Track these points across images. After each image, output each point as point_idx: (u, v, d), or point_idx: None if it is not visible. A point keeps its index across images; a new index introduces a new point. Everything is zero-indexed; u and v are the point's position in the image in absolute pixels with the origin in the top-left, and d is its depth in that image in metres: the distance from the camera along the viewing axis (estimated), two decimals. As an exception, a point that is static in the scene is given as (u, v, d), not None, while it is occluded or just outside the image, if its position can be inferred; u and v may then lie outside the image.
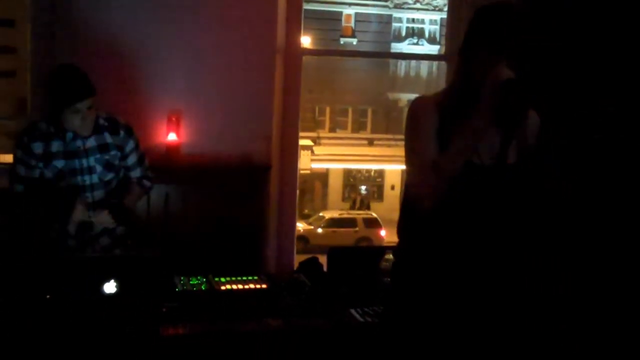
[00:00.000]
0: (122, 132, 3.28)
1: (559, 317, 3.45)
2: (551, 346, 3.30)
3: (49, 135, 3.16)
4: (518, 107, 2.04)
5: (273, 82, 4.28)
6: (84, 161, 3.22)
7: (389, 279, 2.84)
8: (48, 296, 2.73)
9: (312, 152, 21.11)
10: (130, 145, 3.31)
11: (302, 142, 4.73)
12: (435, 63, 21.66)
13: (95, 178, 3.26)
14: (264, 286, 3.04)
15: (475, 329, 2.24)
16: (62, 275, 2.68)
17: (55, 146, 3.18)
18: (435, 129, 2.15)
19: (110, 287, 2.68)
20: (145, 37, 4.07)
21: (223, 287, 2.99)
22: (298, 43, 4.47)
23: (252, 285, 3.04)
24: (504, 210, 2.20)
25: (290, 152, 4.49)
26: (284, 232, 4.49)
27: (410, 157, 2.23)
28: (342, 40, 22.47)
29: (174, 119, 4.09)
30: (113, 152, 3.27)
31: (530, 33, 2.21)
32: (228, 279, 3.08)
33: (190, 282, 3.02)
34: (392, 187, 22.98)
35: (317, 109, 22.31)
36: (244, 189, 4.15)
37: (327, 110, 22.75)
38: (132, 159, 3.34)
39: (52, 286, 2.73)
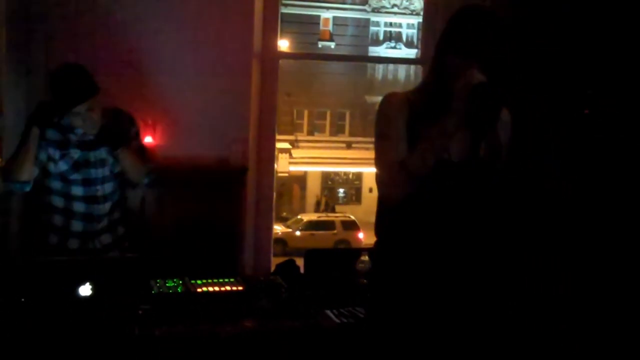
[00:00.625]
0: (126, 122, 3.36)
1: (559, 317, 3.48)
2: (551, 346, 3.33)
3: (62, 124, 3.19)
4: (489, 111, 2.07)
5: (250, 85, 4.28)
6: (96, 153, 3.27)
7: (365, 280, 2.87)
8: (23, 299, 2.72)
9: (290, 155, 21.16)
10: (133, 130, 3.39)
11: (280, 145, 4.74)
12: (412, 66, 21.76)
13: (106, 171, 3.31)
14: (240, 288, 3.04)
15: (457, 325, 2.25)
16: (37, 278, 2.67)
17: (71, 136, 3.22)
18: (405, 126, 2.18)
19: (85, 289, 2.68)
20: (120, 40, 4.06)
21: (199, 289, 2.99)
22: (275, 46, 4.48)
23: (228, 288, 3.04)
24: (474, 206, 2.22)
25: (267, 155, 4.50)
26: (261, 234, 4.50)
27: (379, 154, 2.25)
28: (320, 44, 22.54)
29: (149, 121, 4.08)
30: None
31: (513, 38, 2.24)
32: (204, 281, 3.08)
33: (167, 285, 3.01)
34: (370, 190, 23.04)
35: (295, 112, 22.34)
36: (220, 192, 4.15)
37: (305, 113, 22.80)
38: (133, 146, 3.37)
39: (26, 289, 2.73)
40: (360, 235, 18.46)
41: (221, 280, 3.10)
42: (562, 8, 3.68)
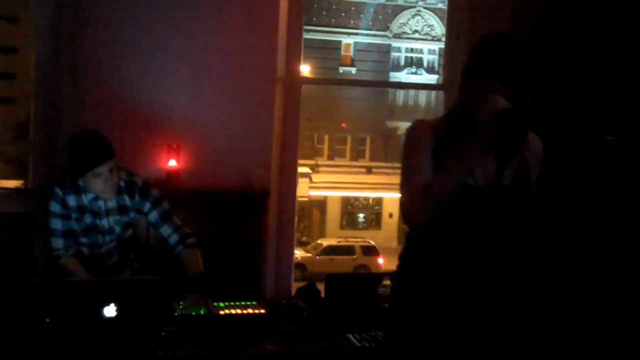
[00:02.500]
0: (136, 196, 3.30)
1: (559, 316, 3.47)
2: (552, 345, 3.31)
3: (79, 189, 3.20)
4: (514, 136, 2.08)
5: (273, 110, 4.32)
6: (104, 221, 3.29)
7: (386, 304, 2.87)
8: (48, 320, 2.76)
9: (311, 179, 21.18)
10: (147, 206, 3.33)
11: (300, 169, 4.77)
12: (433, 92, 21.81)
13: (114, 237, 3.35)
14: (262, 311, 3.07)
15: (476, 345, 2.25)
16: (62, 299, 2.70)
17: (86, 200, 3.23)
18: (431, 152, 2.20)
19: (110, 310, 2.70)
20: (147, 65, 4.12)
21: (222, 312, 3.01)
22: (298, 72, 4.52)
23: (250, 310, 3.06)
24: (499, 231, 2.23)
25: (289, 179, 4.52)
26: (282, 258, 4.51)
27: (404, 179, 2.26)
28: (342, 69, 22.64)
29: (174, 145, 4.13)
30: (132, 215, 3.34)
31: (535, 61, 2.26)
32: (227, 303, 3.10)
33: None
34: (390, 215, 23.00)
35: (315, 136, 22.40)
36: (243, 215, 4.17)
37: (326, 138, 22.85)
38: (153, 217, 3.35)
39: (52, 310, 2.76)
40: (380, 260, 18.39)
41: (243, 303, 3.13)
42: (565, 9, 3.73)
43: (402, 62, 23.22)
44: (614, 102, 3.62)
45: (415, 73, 23.00)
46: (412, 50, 23.29)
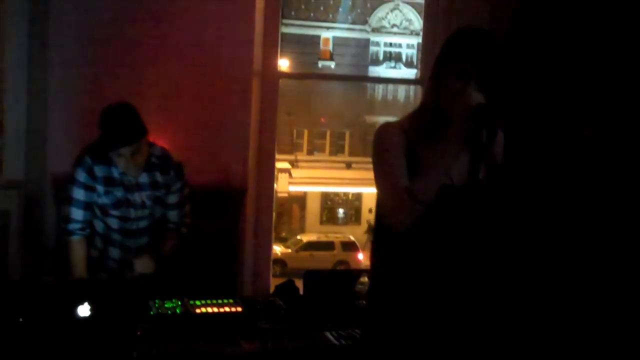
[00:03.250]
0: (172, 172, 3.36)
1: (558, 317, 3.47)
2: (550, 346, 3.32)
3: (110, 160, 3.18)
4: (490, 131, 2.06)
5: (250, 105, 4.29)
6: (137, 195, 3.29)
7: (364, 302, 2.85)
8: (21, 319, 2.71)
9: (290, 175, 21.14)
10: (177, 186, 3.39)
11: (280, 165, 4.75)
12: (412, 87, 21.80)
13: (146, 212, 3.35)
14: (239, 309, 3.03)
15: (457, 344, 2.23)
16: (36, 298, 2.66)
17: (116, 173, 3.21)
18: (404, 154, 2.17)
19: (84, 310, 2.66)
20: (121, 58, 4.08)
21: (198, 310, 2.98)
22: (275, 66, 4.49)
23: (227, 309, 3.02)
24: (480, 228, 2.20)
25: (267, 175, 4.50)
26: (260, 255, 4.49)
27: (382, 185, 2.22)
28: (320, 64, 22.59)
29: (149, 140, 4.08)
30: (163, 191, 3.36)
31: (510, 56, 2.23)
32: (203, 302, 3.07)
33: (165, 305, 3.00)
34: (370, 210, 22.98)
35: (295, 131, 22.35)
36: (220, 211, 4.14)
37: (305, 133, 22.80)
38: (173, 198, 3.40)
39: (25, 309, 2.71)
40: (360, 256, 18.42)
41: (220, 301, 3.09)
42: (556, 23, 3.74)
43: (381, 57, 23.22)
44: (592, 100, 3.63)
45: (394, 67, 23.01)
46: (390, 44, 23.29)
